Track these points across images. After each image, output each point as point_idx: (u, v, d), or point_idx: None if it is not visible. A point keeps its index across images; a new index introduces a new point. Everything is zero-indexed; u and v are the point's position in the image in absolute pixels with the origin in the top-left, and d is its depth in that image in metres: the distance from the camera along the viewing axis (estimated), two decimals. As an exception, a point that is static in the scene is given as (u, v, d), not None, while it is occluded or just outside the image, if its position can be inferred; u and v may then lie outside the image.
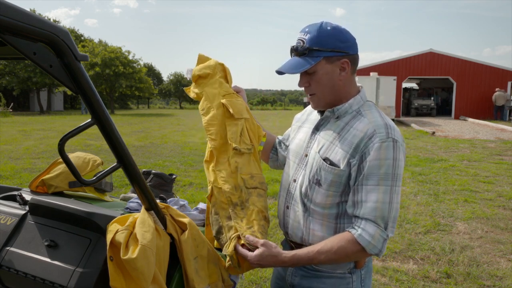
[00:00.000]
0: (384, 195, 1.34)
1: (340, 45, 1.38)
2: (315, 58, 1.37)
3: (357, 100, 1.46)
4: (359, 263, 1.50)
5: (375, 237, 1.33)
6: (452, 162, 9.18)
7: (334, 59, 1.38)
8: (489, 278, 3.63)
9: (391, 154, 1.33)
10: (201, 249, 1.52)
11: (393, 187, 1.35)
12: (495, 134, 15.23)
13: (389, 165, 1.33)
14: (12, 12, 0.93)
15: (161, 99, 62.18)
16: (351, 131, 1.40)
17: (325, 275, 1.50)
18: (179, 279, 1.52)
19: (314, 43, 1.36)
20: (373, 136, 1.35)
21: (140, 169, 1.44)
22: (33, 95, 33.80)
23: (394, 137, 1.35)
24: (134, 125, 18.84)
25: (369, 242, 1.33)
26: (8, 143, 11.26)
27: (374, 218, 1.33)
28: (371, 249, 1.34)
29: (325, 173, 1.41)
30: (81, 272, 1.40)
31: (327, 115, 1.48)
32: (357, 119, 1.42)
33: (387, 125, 1.38)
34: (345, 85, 1.44)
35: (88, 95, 1.15)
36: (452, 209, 5.65)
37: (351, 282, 1.50)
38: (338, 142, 1.41)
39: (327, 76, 1.40)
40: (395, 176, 1.34)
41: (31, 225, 1.60)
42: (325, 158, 1.42)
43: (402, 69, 25.59)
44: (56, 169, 1.97)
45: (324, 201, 1.44)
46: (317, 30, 1.37)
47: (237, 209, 1.51)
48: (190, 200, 5.73)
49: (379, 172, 1.33)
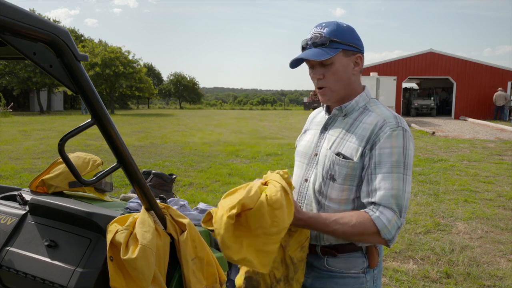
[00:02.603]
0: (398, 182, 1.35)
1: (356, 42, 1.45)
2: (335, 49, 1.41)
3: (363, 97, 1.50)
4: (373, 262, 1.49)
5: (392, 222, 1.34)
6: (452, 162, 9.18)
7: (350, 53, 1.44)
8: (489, 278, 3.63)
9: (402, 142, 1.37)
10: (199, 250, 1.52)
11: (405, 175, 1.37)
12: (495, 134, 15.22)
13: (400, 153, 1.36)
14: (12, 12, 0.93)
15: (161, 99, 62.17)
16: (360, 126, 1.43)
17: (338, 275, 1.48)
18: (179, 279, 1.52)
19: (334, 35, 1.41)
20: (383, 125, 1.39)
21: (140, 169, 1.44)
22: (33, 95, 33.77)
23: (404, 126, 1.39)
24: (134, 125, 18.84)
25: (385, 226, 1.33)
26: (8, 143, 11.26)
27: (390, 204, 1.34)
28: (385, 234, 1.34)
29: (339, 167, 1.43)
30: (81, 272, 1.40)
31: (334, 113, 1.52)
32: (365, 114, 1.46)
33: (396, 116, 1.42)
34: (355, 81, 1.49)
35: (88, 95, 1.15)
36: (452, 209, 5.65)
37: (364, 282, 1.49)
38: (349, 137, 1.44)
39: (343, 68, 1.44)
40: (406, 165, 1.37)
41: (31, 225, 1.61)
42: (337, 153, 1.44)
43: (402, 69, 25.58)
44: (56, 169, 1.97)
45: (339, 196, 1.44)
46: (336, 25, 1.43)
47: (280, 284, 1.47)
48: (190, 200, 5.73)
49: (391, 159, 1.36)
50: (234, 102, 72.41)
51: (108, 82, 30.71)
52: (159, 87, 54.63)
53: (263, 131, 16.45)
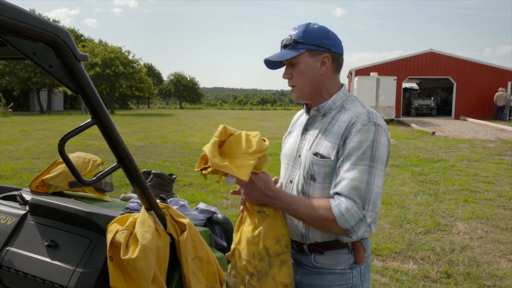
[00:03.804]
0: (361, 174, 1.37)
1: (324, 42, 1.49)
2: (299, 49, 1.48)
3: (340, 96, 1.54)
4: (359, 258, 1.52)
5: (350, 212, 1.35)
6: (452, 162, 9.18)
7: (317, 53, 1.49)
8: (489, 278, 3.63)
9: (372, 136, 1.39)
10: (199, 250, 1.52)
11: (373, 168, 1.38)
12: (495, 134, 15.22)
13: (369, 146, 1.38)
14: (12, 12, 0.93)
15: (161, 99, 62.15)
16: (336, 124, 1.47)
17: (325, 271, 1.52)
18: (179, 279, 1.52)
19: (299, 37, 1.48)
20: (355, 122, 1.42)
21: (140, 169, 1.44)
22: (33, 95, 33.77)
23: (376, 121, 1.42)
24: (134, 125, 18.84)
25: (342, 215, 1.35)
26: (8, 143, 11.26)
27: (350, 194, 1.36)
28: (342, 222, 1.35)
29: (318, 167, 1.46)
30: (81, 272, 1.40)
31: (313, 113, 1.57)
32: (342, 112, 1.50)
33: (369, 112, 1.45)
34: (325, 80, 1.52)
35: (88, 95, 1.15)
36: (452, 209, 5.65)
37: (351, 277, 1.52)
38: (326, 136, 1.48)
39: (309, 68, 1.49)
40: (374, 158, 1.38)
41: (31, 225, 1.61)
42: (315, 153, 1.48)
43: (402, 69, 25.57)
44: (56, 169, 1.97)
45: (321, 195, 1.48)
46: (305, 27, 1.50)
47: (253, 280, 1.48)
48: (190, 200, 5.73)
49: (358, 152, 1.38)
50: (234, 102, 72.39)
51: (108, 82, 30.72)
52: (159, 87, 54.62)
53: (263, 131, 16.45)
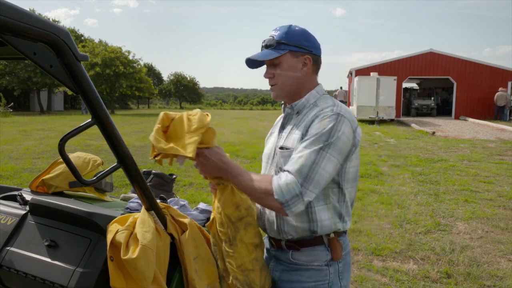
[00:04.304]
0: (309, 154, 1.39)
1: (305, 43, 1.53)
2: (282, 50, 1.51)
3: (313, 94, 1.58)
4: (336, 255, 1.55)
5: (288, 186, 1.37)
6: (452, 162, 9.17)
7: (298, 54, 1.53)
8: (490, 278, 3.63)
9: (331, 125, 1.42)
10: (200, 249, 1.52)
11: (323, 151, 1.39)
12: (495, 134, 15.21)
13: (325, 133, 1.41)
14: (12, 12, 0.93)
15: (161, 99, 62.15)
16: (305, 119, 1.53)
17: (303, 268, 1.56)
18: (179, 279, 1.52)
19: (282, 38, 1.52)
20: (319, 114, 1.47)
21: (140, 169, 1.43)
22: (33, 95, 33.77)
23: (338, 112, 1.45)
24: (134, 125, 18.84)
25: (279, 186, 1.38)
26: (8, 143, 11.26)
27: (293, 170, 1.39)
28: (277, 194, 1.37)
29: (284, 159, 1.51)
30: (81, 272, 1.40)
31: (288, 112, 1.62)
32: (313, 109, 1.55)
33: (336, 105, 1.49)
34: (305, 81, 1.57)
35: (88, 95, 1.15)
36: (453, 209, 5.65)
37: (328, 274, 1.55)
38: (295, 131, 1.53)
39: (291, 69, 1.54)
40: (328, 143, 1.40)
41: (32, 225, 1.61)
42: (281, 147, 1.54)
43: (402, 69, 25.56)
44: (56, 169, 1.97)
45: None
46: (287, 28, 1.54)
47: (226, 245, 1.54)
48: (190, 200, 5.73)
49: (313, 138, 1.41)
50: (234, 102, 72.39)
51: (108, 82, 30.71)
52: (159, 87, 54.60)
53: (263, 131, 16.45)
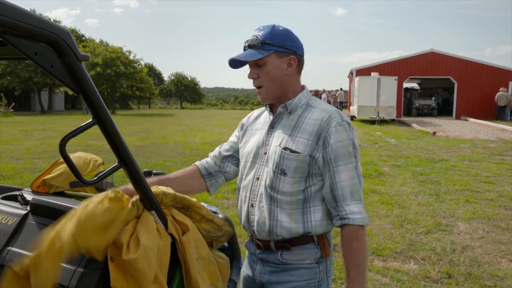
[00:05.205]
0: (352, 172, 1.50)
1: (289, 44, 1.52)
2: (266, 51, 1.49)
3: (304, 95, 1.60)
4: (325, 252, 1.57)
5: (362, 211, 1.49)
6: (453, 162, 9.17)
7: (283, 55, 1.52)
8: (490, 279, 3.62)
9: (349, 135, 1.50)
10: (201, 250, 1.52)
11: (357, 164, 1.52)
12: (496, 134, 15.20)
13: (349, 145, 1.49)
14: (13, 12, 0.93)
15: (162, 99, 62.13)
16: (306, 121, 1.53)
17: (293, 267, 1.55)
18: (180, 280, 1.52)
19: (267, 38, 1.50)
20: (330, 121, 1.50)
21: (141, 169, 1.44)
22: (34, 95, 33.78)
23: (347, 120, 1.52)
24: (135, 125, 18.86)
25: (362, 218, 1.48)
26: (9, 143, 11.27)
27: (351, 195, 1.48)
28: (366, 222, 1.48)
29: (289, 161, 1.50)
30: (82, 272, 1.40)
31: (280, 111, 1.59)
32: (309, 110, 1.56)
33: (338, 111, 1.54)
34: (291, 81, 1.57)
35: (89, 95, 1.15)
36: (453, 209, 5.65)
37: (318, 272, 1.56)
38: (297, 133, 1.53)
39: (276, 69, 1.52)
40: (357, 157, 1.52)
41: (32, 225, 1.61)
42: (285, 148, 1.51)
43: (403, 69, 25.55)
44: (57, 169, 1.97)
45: (291, 189, 1.52)
46: (271, 29, 1.52)
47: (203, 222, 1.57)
48: (191, 200, 5.72)
49: (344, 152, 1.48)
50: (235, 102, 72.30)
51: (109, 82, 30.73)
52: (160, 87, 54.61)
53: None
